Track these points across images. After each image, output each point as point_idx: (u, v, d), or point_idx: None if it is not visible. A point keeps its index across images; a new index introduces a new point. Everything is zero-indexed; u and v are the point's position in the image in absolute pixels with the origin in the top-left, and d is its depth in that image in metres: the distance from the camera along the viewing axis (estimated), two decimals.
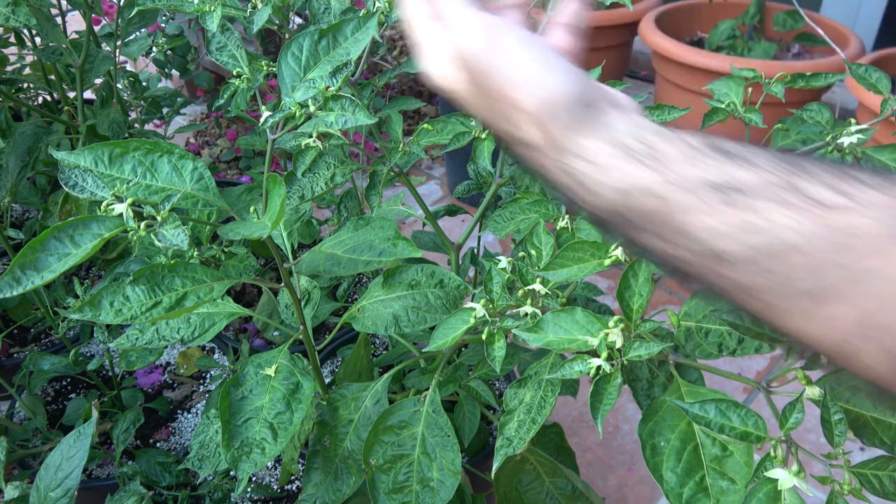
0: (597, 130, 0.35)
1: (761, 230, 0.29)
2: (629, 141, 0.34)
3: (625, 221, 0.34)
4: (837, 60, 1.74)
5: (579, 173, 0.35)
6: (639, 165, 0.33)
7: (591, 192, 0.35)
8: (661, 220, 0.32)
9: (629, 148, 0.34)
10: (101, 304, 0.50)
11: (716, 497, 0.47)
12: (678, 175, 0.32)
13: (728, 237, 0.30)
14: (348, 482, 0.65)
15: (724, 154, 0.32)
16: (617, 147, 0.34)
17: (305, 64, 0.53)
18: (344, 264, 0.61)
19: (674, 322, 0.55)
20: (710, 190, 0.31)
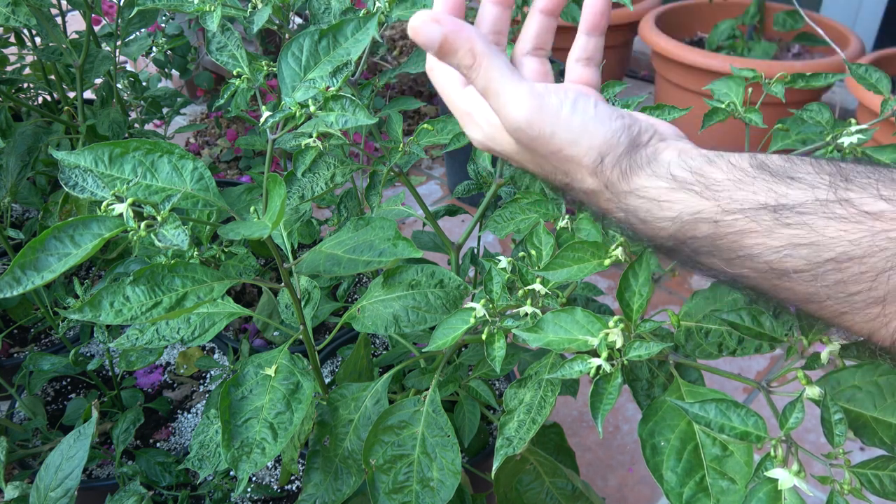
0: (649, 168, 0.37)
1: (817, 245, 0.31)
2: (679, 172, 0.36)
3: (686, 248, 0.36)
4: (837, 60, 1.74)
5: (638, 210, 0.37)
6: (692, 195, 0.35)
7: (650, 226, 0.37)
8: (719, 243, 0.34)
9: (680, 179, 0.36)
10: (101, 305, 0.50)
11: (716, 497, 0.47)
12: (730, 200, 0.34)
13: (785, 254, 0.32)
14: (348, 482, 0.65)
15: (770, 173, 0.34)
16: (669, 180, 0.36)
17: (305, 64, 0.53)
18: (344, 264, 0.61)
19: (674, 322, 0.55)
20: (763, 211, 0.33)
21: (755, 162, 0.34)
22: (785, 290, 0.33)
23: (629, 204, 0.38)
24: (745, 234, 0.33)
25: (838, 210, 0.31)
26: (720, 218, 0.34)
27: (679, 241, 0.36)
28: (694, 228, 0.35)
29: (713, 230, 0.34)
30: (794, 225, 0.32)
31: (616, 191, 0.38)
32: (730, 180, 0.34)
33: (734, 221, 0.33)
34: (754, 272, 0.34)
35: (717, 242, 0.34)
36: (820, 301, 0.32)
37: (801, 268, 0.32)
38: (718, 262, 0.35)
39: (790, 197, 0.32)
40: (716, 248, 0.35)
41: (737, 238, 0.34)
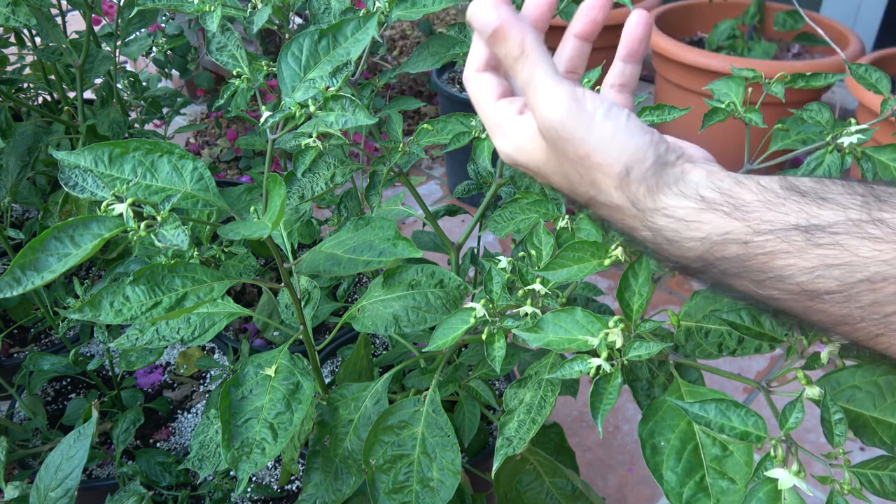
0: (676, 187, 0.37)
1: (850, 265, 0.31)
2: (707, 193, 0.36)
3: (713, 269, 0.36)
4: (837, 60, 1.74)
5: (665, 229, 0.37)
6: (720, 215, 0.35)
7: (678, 247, 0.37)
8: (749, 264, 0.34)
9: (709, 200, 0.36)
10: (101, 305, 0.50)
11: (716, 497, 0.47)
12: (760, 221, 0.34)
13: (818, 275, 0.32)
14: (348, 482, 0.65)
15: (801, 194, 0.33)
16: (697, 200, 0.36)
17: (305, 64, 0.53)
18: (344, 264, 0.61)
19: (674, 322, 0.55)
20: (794, 231, 0.32)
21: (785, 184, 0.34)
22: (817, 313, 0.33)
23: (655, 223, 0.38)
24: (776, 255, 0.33)
25: (872, 230, 0.31)
26: (750, 239, 0.34)
27: (707, 263, 0.36)
28: (723, 249, 0.35)
29: (743, 251, 0.34)
30: (826, 245, 0.31)
31: (642, 208, 0.38)
32: (760, 201, 0.34)
33: (765, 242, 0.33)
34: (785, 294, 0.34)
35: (747, 264, 0.34)
36: (854, 323, 0.32)
37: (834, 289, 0.32)
38: (748, 284, 0.35)
39: (822, 217, 0.32)
40: (745, 270, 0.35)
41: (767, 259, 0.33)
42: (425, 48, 0.71)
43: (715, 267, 0.36)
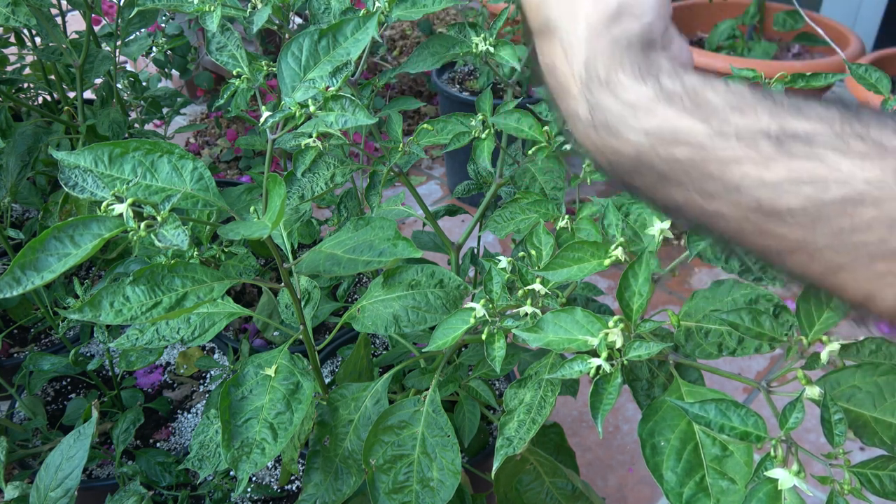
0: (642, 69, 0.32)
1: (826, 181, 0.26)
2: (668, 82, 0.31)
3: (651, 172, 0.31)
4: (837, 60, 1.74)
5: (607, 110, 0.32)
6: (677, 110, 0.30)
7: (613, 136, 0.32)
8: (699, 171, 0.29)
9: (668, 90, 0.31)
10: (101, 305, 0.50)
11: (716, 497, 0.47)
12: (724, 123, 0.29)
13: (784, 190, 0.27)
14: (348, 482, 0.65)
15: (776, 102, 0.29)
16: (655, 88, 0.31)
17: (305, 64, 0.53)
18: (344, 264, 0.61)
19: (674, 322, 0.55)
20: (763, 139, 0.28)
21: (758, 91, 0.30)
22: (771, 236, 0.28)
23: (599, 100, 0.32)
24: (736, 162, 0.28)
25: (856, 144, 0.26)
26: (707, 141, 0.29)
27: (644, 163, 0.31)
28: (670, 149, 0.30)
29: (695, 154, 0.29)
30: (799, 157, 0.27)
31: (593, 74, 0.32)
32: (726, 103, 0.29)
33: (725, 146, 0.28)
34: (736, 210, 0.29)
35: (696, 170, 0.29)
36: (813, 252, 0.27)
37: (799, 208, 0.27)
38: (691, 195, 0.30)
39: (797, 127, 0.27)
40: (692, 177, 0.30)
41: (722, 167, 0.29)
42: (425, 48, 0.71)
43: (654, 169, 0.31)
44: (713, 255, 0.58)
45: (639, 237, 0.59)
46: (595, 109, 0.32)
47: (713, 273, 1.70)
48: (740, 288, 0.56)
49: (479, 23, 0.97)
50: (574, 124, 0.34)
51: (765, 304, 0.55)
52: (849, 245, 0.26)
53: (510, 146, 0.79)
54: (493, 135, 0.70)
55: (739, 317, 0.50)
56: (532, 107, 0.70)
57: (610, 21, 0.33)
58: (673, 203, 0.31)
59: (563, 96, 0.34)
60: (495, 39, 0.69)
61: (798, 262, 0.28)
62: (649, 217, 0.58)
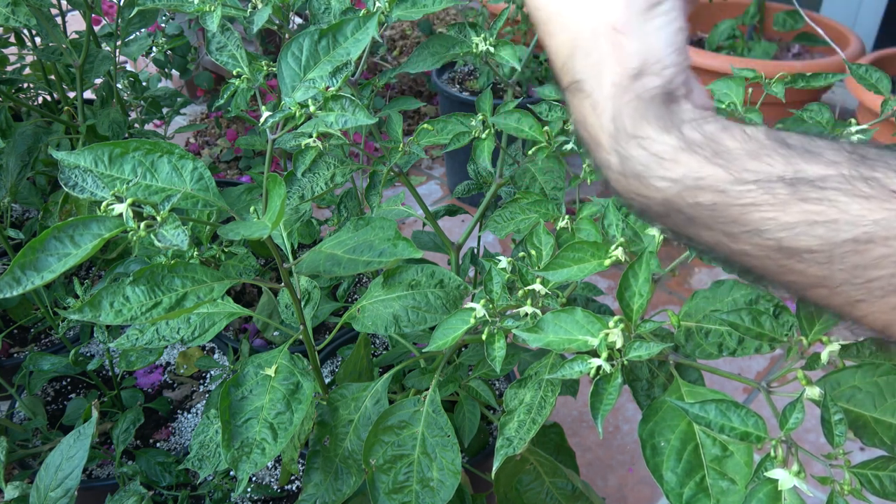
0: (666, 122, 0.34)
1: (837, 223, 0.28)
2: (690, 132, 0.33)
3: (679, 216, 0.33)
4: (837, 60, 1.74)
5: (635, 160, 0.34)
6: (699, 159, 0.32)
7: (644, 183, 0.34)
8: (721, 215, 0.32)
9: (690, 140, 0.33)
10: (101, 305, 0.50)
11: (716, 497, 0.47)
12: (742, 169, 0.31)
13: (800, 231, 0.29)
14: (348, 482, 0.65)
15: (789, 147, 0.31)
16: (678, 138, 0.33)
17: (305, 64, 0.53)
18: (344, 264, 0.61)
19: (674, 322, 0.55)
20: (779, 184, 0.30)
21: (771, 135, 0.32)
22: (793, 273, 0.31)
23: (627, 150, 0.35)
24: (756, 207, 0.30)
25: (863, 187, 0.28)
26: (729, 188, 0.31)
27: (673, 208, 0.33)
28: (696, 195, 0.32)
29: (718, 199, 0.31)
30: (812, 200, 0.29)
31: (620, 126, 0.35)
32: (743, 150, 0.32)
33: (745, 192, 0.31)
34: (760, 250, 0.31)
35: (721, 214, 0.32)
36: (832, 286, 0.30)
37: (816, 248, 0.29)
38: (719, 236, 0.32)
39: (809, 171, 0.30)
40: (717, 221, 0.32)
41: (744, 211, 0.31)
42: (425, 48, 0.71)
43: (682, 213, 0.33)
44: None
45: (639, 237, 0.59)
46: (624, 160, 0.35)
47: (713, 273, 1.70)
48: (740, 288, 0.56)
49: (479, 23, 0.97)
50: (607, 173, 0.37)
51: (765, 304, 0.55)
52: (863, 281, 0.28)
53: (510, 146, 0.79)
54: (493, 135, 0.70)
55: (739, 317, 0.50)
56: (532, 107, 0.70)
57: (632, 79, 0.35)
58: (704, 244, 0.34)
59: (595, 148, 0.37)
60: (495, 39, 0.69)
61: (820, 295, 0.31)
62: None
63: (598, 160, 0.37)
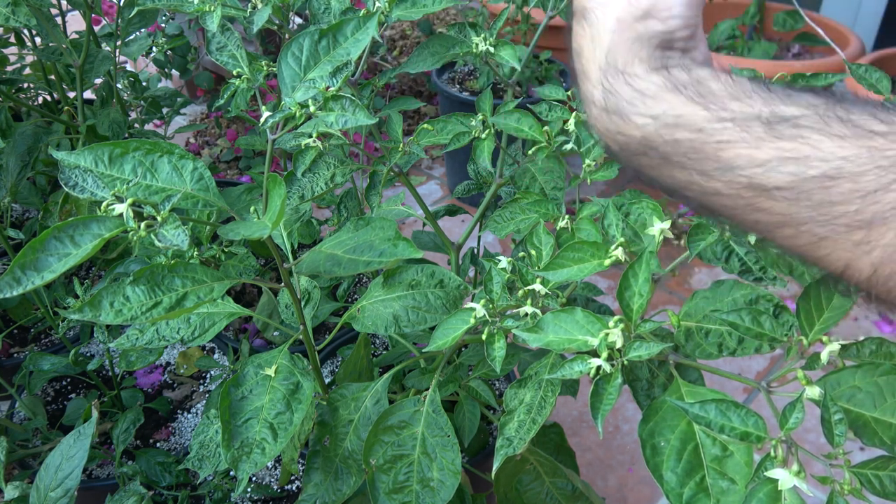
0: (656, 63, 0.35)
1: (808, 159, 0.29)
2: (677, 73, 0.34)
3: (656, 154, 0.34)
4: (837, 60, 1.74)
5: (620, 96, 0.35)
6: (683, 99, 0.33)
7: (624, 120, 0.35)
8: (698, 152, 0.32)
9: (676, 79, 0.34)
10: (101, 305, 0.50)
11: (716, 497, 0.47)
12: (721, 108, 0.32)
13: (772, 167, 0.30)
14: (348, 482, 0.65)
15: (770, 91, 0.32)
16: (665, 77, 0.34)
17: (305, 64, 0.53)
18: (344, 264, 0.61)
19: (674, 322, 0.55)
20: (755, 121, 0.31)
21: (756, 82, 0.33)
22: (760, 211, 0.31)
23: (614, 86, 0.36)
24: (731, 144, 0.31)
25: (837, 126, 0.29)
26: (706, 125, 0.32)
27: (650, 145, 0.34)
28: (673, 132, 0.33)
29: (695, 136, 0.32)
30: (786, 138, 0.30)
31: (612, 61, 0.36)
32: (726, 92, 0.33)
33: (722, 129, 0.32)
34: (731, 188, 0.32)
35: (696, 151, 0.32)
36: (798, 224, 0.30)
37: (786, 185, 0.30)
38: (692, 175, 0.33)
39: (786, 111, 0.31)
40: (692, 158, 0.33)
41: (719, 148, 0.32)
42: (425, 48, 0.71)
43: (657, 150, 0.34)
44: (713, 255, 0.58)
45: (639, 237, 0.59)
46: (609, 94, 0.36)
47: (713, 273, 1.70)
48: (740, 288, 0.57)
49: (479, 23, 0.97)
50: (589, 107, 0.37)
51: (765, 304, 0.55)
52: (828, 217, 0.29)
53: (510, 146, 0.79)
54: (493, 135, 0.70)
55: (739, 317, 0.50)
56: (532, 107, 0.70)
57: (637, 19, 0.36)
58: (675, 183, 0.34)
59: (583, 80, 0.38)
60: (495, 39, 0.69)
61: (786, 235, 0.31)
62: (649, 217, 0.58)
63: (584, 93, 0.38)
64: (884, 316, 1.57)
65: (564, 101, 0.70)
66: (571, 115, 0.67)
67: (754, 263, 0.57)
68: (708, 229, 0.54)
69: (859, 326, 1.56)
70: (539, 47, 1.86)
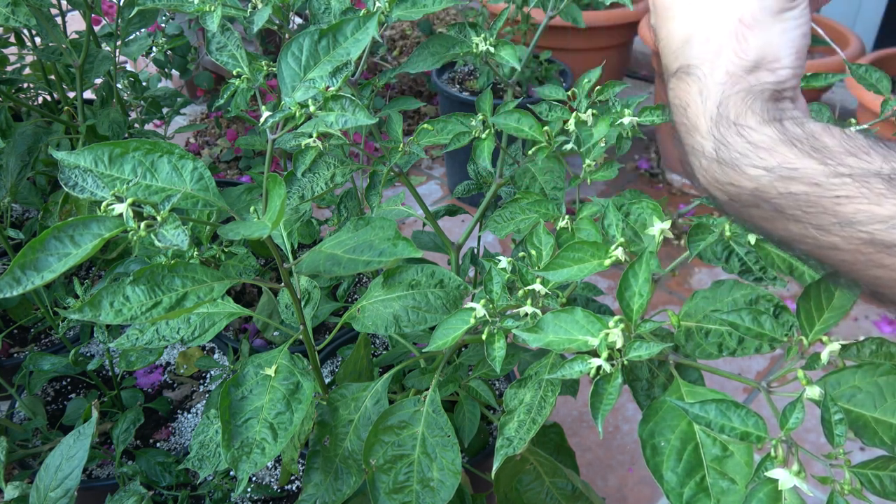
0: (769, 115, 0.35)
1: None
2: (791, 127, 0.34)
3: (770, 207, 0.34)
4: (837, 60, 1.74)
5: (731, 147, 0.35)
6: (797, 152, 0.33)
7: (735, 171, 0.35)
8: (814, 206, 0.32)
9: (790, 133, 0.34)
10: (101, 305, 0.50)
11: (716, 497, 0.47)
12: (839, 164, 0.32)
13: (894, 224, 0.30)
14: (348, 482, 0.65)
15: (887, 147, 0.32)
16: (778, 131, 0.34)
17: (305, 64, 0.53)
18: (344, 264, 0.61)
19: (674, 322, 0.55)
20: (876, 179, 0.31)
21: (871, 137, 0.33)
22: (881, 268, 0.31)
23: (725, 137, 0.35)
24: (850, 199, 0.31)
25: None
26: (823, 180, 0.32)
27: (762, 198, 0.34)
28: (789, 185, 0.33)
29: (812, 190, 0.32)
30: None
31: (724, 113, 0.36)
32: (841, 147, 0.33)
33: (840, 185, 0.31)
34: (849, 243, 0.32)
35: (813, 206, 0.32)
36: None
37: None
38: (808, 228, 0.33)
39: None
40: (808, 213, 0.33)
41: (838, 203, 0.31)
42: (425, 48, 0.71)
43: (771, 203, 0.34)
44: (713, 255, 0.58)
45: (639, 237, 0.59)
46: (721, 146, 0.36)
47: (713, 273, 1.70)
48: (740, 288, 0.56)
49: (479, 23, 0.97)
50: (698, 159, 0.38)
51: (765, 304, 0.55)
52: None
53: (510, 146, 0.79)
54: (493, 135, 0.70)
55: (740, 317, 0.50)
56: (532, 107, 0.70)
57: (747, 71, 0.36)
58: (790, 236, 0.35)
59: (691, 133, 0.38)
60: (495, 39, 0.69)
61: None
62: (649, 217, 0.58)
63: (692, 145, 0.38)
64: (884, 316, 1.57)
65: (564, 101, 0.70)
66: (571, 115, 0.67)
67: (754, 263, 0.57)
68: (708, 229, 0.54)
69: (859, 326, 1.56)
70: (539, 47, 1.86)
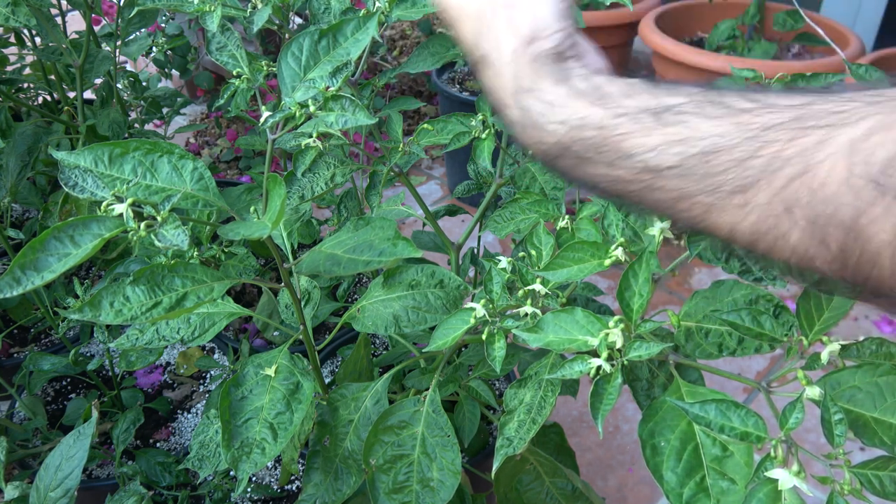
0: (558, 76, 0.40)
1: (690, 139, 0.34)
2: (579, 83, 0.39)
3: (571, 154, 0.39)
4: (837, 60, 1.74)
5: (533, 111, 0.40)
6: (584, 102, 0.38)
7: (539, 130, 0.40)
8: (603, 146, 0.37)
9: (578, 89, 0.39)
10: (101, 305, 0.50)
11: (716, 497, 0.47)
12: (618, 107, 0.37)
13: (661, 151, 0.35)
14: (348, 482, 0.65)
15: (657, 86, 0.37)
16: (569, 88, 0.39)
17: (305, 64, 0.53)
18: (344, 264, 0.61)
19: (674, 322, 0.55)
20: (645, 113, 0.36)
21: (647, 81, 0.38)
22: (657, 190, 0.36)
23: (526, 104, 0.40)
24: (627, 136, 0.36)
25: (710, 109, 0.34)
26: (606, 122, 0.37)
27: (564, 147, 0.39)
28: (580, 133, 0.38)
29: (598, 134, 0.37)
30: (670, 124, 0.35)
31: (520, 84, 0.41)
32: (620, 92, 0.38)
33: (619, 124, 0.36)
34: (630, 172, 0.36)
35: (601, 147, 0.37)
36: (690, 197, 0.35)
37: (674, 163, 0.35)
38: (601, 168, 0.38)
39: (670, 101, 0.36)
40: (599, 153, 0.37)
41: (618, 140, 0.36)
42: (425, 48, 0.71)
43: (571, 151, 0.39)
44: (713, 255, 0.58)
45: (639, 237, 0.59)
46: (524, 111, 0.41)
47: (713, 273, 1.70)
48: (740, 288, 0.57)
49: None
50: (513, 128, 0.43)
51: (765, 304, 0.55)
52: (713, 186, 0.34)
53: (510, 146, 0.79)
54: (494, 135, 0.70)
55: (739, 317, 0.50)
56: None
57: (526, 44, 0.41)
58: (591, 178, 0.39)
59: (502, 108, 0.43)
60: None
61: (682, 209, 0.36)
62: (649, 217, 0.58)
63: (506, 119, 0.43)
64: (884, 316, 1.57)
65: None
66: None
67: (754, 263, 0.57)
68: None
69: (859, 326, 1.56)
70: None
